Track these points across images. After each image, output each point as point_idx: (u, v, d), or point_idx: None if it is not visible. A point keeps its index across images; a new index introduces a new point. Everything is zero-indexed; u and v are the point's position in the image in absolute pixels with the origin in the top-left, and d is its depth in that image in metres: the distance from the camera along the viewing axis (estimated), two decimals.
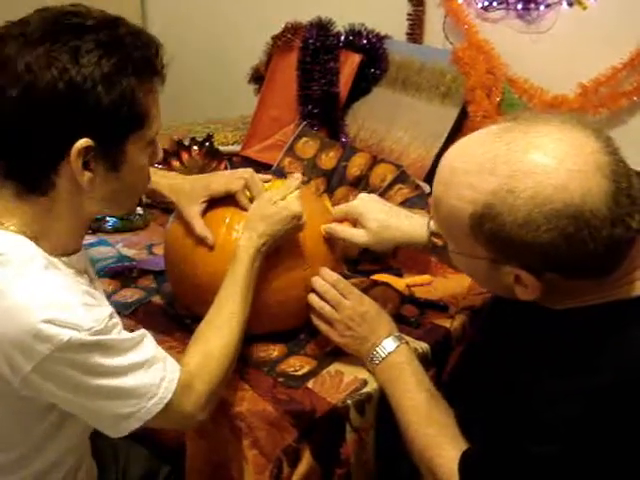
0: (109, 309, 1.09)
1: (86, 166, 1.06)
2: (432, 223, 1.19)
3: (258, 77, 2.59)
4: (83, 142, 1.03)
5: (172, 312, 1.59)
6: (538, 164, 0.98)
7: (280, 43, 2.48)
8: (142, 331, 1.15)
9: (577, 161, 0.97)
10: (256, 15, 2.90)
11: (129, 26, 1.10)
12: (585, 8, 2.14)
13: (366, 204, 1.51)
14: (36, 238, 1.08)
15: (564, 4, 2.16)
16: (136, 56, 1.07)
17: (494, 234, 1.01)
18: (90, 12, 1.07)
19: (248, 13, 2.94)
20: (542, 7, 2.20)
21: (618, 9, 2.09)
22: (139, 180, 1.18)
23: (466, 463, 1.14)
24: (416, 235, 1.45)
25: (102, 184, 1.10)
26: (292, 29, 2.46)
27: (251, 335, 1.36)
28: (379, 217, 1.47)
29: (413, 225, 1.47)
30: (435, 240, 1.18)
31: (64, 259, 1.13)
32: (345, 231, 1.49)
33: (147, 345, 1.13)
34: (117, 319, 1.11)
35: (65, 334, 1.00)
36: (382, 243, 1.50)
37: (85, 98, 1.02)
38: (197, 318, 1.52)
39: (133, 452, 1.48)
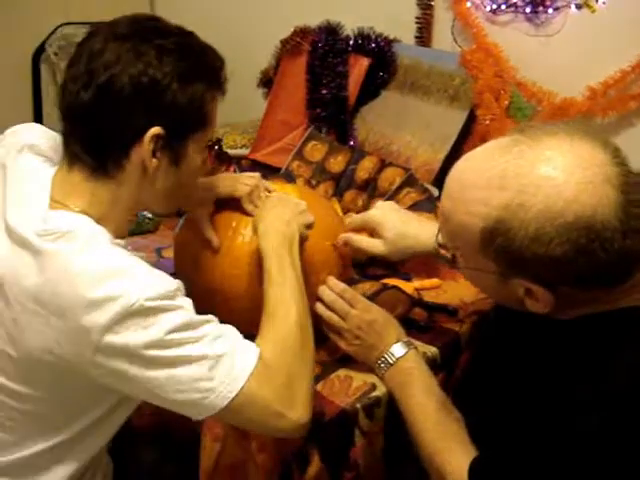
0: (177, 281, 1.12)
1: (154, 154, 1.15)
2: (439, 236, 1.18)
3: (267, 81, 2.59)
4: (156, 129, 1.13)
5: None
6: (547, 178, 0.98)
7: (289, 47, 2.48)
8: (212, 316, 1.15)
9: (586, 174, 0.97)
10: (265, 19, 2.90)
11: (200, 39, 1.22)
12: (594, 11, 2.13)
13: (384, 213, 1.51)
14: (99, 220, 1.15)
15: (573, 7, 2.16)
16: (207, 65, 1.20)
17: (505, 249, 1.01)
18: (169, 24, 1.21)
19: (257, 17, 2.94)
20: (551, 10, 2.19)
21: (627, 12, 2.08)
22: (191, 182, 1.28)
23: (476, 470, 1.14)
24: (433, 244, 1.45)
25: (163, 175, 1.19)
26: (301, 33, 2.46)
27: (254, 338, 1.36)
28: (396, 226, 1.49)
29: (430, 233, 1.46)
30: (442, 252, 1.18)
31: (120, 241, 1.17)
32: (362, 241, 1.50)
33: (217, 324, 1.14)
34: (185, 294, 1.13)
35: (134, 294, 1.03)
36: (399, 252, 1.50)
37: (163, 92, 1.12)
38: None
39: (141, 450, 1.49)
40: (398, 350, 1.35)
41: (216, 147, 2.21)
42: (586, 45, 2.16)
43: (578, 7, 2.15)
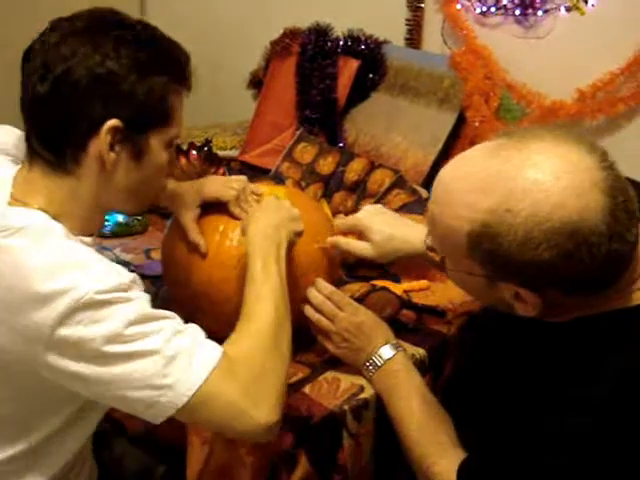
0: (132, 274, 1.10)
1: (112, 148, 1.12)
2: (428, 239, 1.18)
3: (257, 82, 2.59)
4: (113, 122, 1.10)
5: None
6: (534, 182, 0.98)
7: (278, 48, 2.49)
8: (172, 313, 1.12)
9: (573, 178, 0.97)
10: (255, 20, 2.90)
11: (164, 34, 1.19)
12: (583, 14, 2.14)
13: (370, 216, 1.51)
14: (57, 216, 1.12)
15: (562, 10, 2.17)
16: (169, 57, 1.17)
17: (492, 253, 1.01)
18: (130, 17, 1.18)
19: (247, 18, 2.94)
20: (540, 12, 2.21)
21: (616, 15, 2.09)
22: (156, 178, 1.23)
23: (464, 471, 1.14)
24: (421, 245, 1.45)
25: (123, 171, 1.16)
26: (290, 34, 2.46)
27: None
28: (383, 229, 1.47)
29: (418, 235, 1.46)
30: (431, 255, 1.18)
31: (84, 238, 1.16)
32: (350, 244, 1.49)
33: (177, 321, 1.11)
34: (142, 288, 1.11)
35: (85, 286, 1.01)
36: (387, 255, 1.50)
37: (120, 84, 1.10)
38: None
39: (129, 452, 1.48)
40: (386, 352, 1.35)
41: (205, 148, 2.21)
42: (575, 47, 2.17)
43: (567, 10, 2.16)
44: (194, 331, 1.12)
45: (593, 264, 0.98)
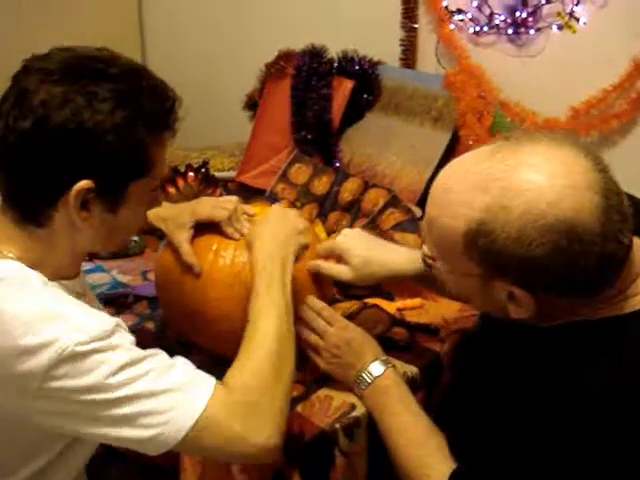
0: (115, 319, 1.07)
1: (84, 205, 1.08)
2: (424, 247, 1.19)
3: (252, 104, 2.61)
4: (83, 184, 1.05)
5: (163, 338, 1.60)
6: (530, 181, 0.99)
7: (273, 70, 2.50)
8: (158, 350, 1.11)
9: (568, 178, 0.99)
10: (250, 43, 2.92)
11: (150, 78, 1.12)
12: (575, 32, 2.15)
13: (349, 240, 1.51)
14: (34, 265, 1.09)
15: (554, 28, 2.18)
16: (150, 110, 1.09)
17: (488, 250, 1.02)
18: (114, 60, 1.09)
19: (242, 42, 2.97)
20: (532, 31, 2.22)
21: (607, 32, 2.10)
22: (134, 222, 1.19)
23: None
24: (401, 269, 1.46)
25: (98, 224, 1.11)
26: (285, 56, 2.48)
27: None
28: (362, 254, 1.47)
29: (398, 258, 1.47)
30: (429, 261, 1.18)
31: (64, 282, 1.14)
32: (330, 268, 1.49)
33: (165, 357, 1.09)
34: (126, 330, 1.09)
35: (66, 339, 0.99)
36: (365, 279, 1.49)
37: (93, 143, 1.04)
38: (187, 344, 1.54)
39: (125, 476, 1.47)
40: (376, 369, 1.35)
41: (203, 170, 2.22)
42: (568, 65, 2.18)
43: (559, 28, 2.18)
44: (182, 364, 1.11)
45: (586, 264, 0.99)
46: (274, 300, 1.24)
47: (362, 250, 1.48)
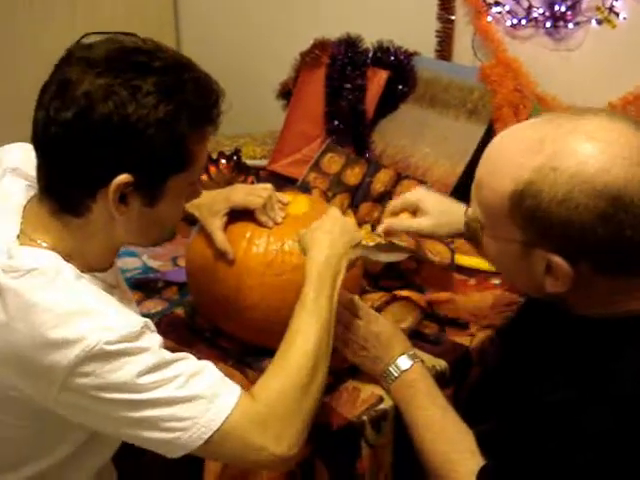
0: (144, 320, 1.07)
1: (123, 199, 1.07)
2: (469, 210, 1.19)
3: (286, 93, 2.61)
4: (123, 178, 1.04)
5: (194, 324, 1.61)
6: (585, 146, 1.00)
7: (308, 59, 2.50)
8: (187, 354, 1.09)
9: (623, 149, 0.99)
10: (285, 32, 2.92)
11: (194, 71, 1.09)
12: (614, 26, 2.12)
13: (423, 194, 1.55)
14: (68, 255, 1.09)
15: (593, 22, 2.15)
16: (194, 104, 1.07)
17: (533, 212, 1.02)
18: (159, 52, 1.07)
19: (277, 30, 2.97)
20: (571, 25, 2.19)
21: None
22: (172, 216, 1.18)
23: (485, 477, 1.13)
24: None
25: (135, 217, 1.11)
26: (320, 46, 2.47)
27: (268, 349, 1.37)
28: (436, 204, 1.51)
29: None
30: (474, 225, 1.17)
31: (97, 274, 1.14)
32: (405, 222, 1.52)
33: (194, 362, 1.08)
34: (154, 331, 1.08)
35: (94, 337, 0.99)
36: (442, 228, 1.51)
37: (135, 137, 1.02)
38: (218, 331, 1.55)
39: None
40: (403, 363, 1.35)
41: (235, 157, 2.23)
42: (606, 60, 2.16)
43: (599, 22, 2.15)
44: (210, 371, 1.09)
45: (630, 236, 0.99)
46: (319, 315, 1.21)
47: (437, 202, 1.52)
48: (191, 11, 3.35)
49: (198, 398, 1.04)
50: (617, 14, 2.10)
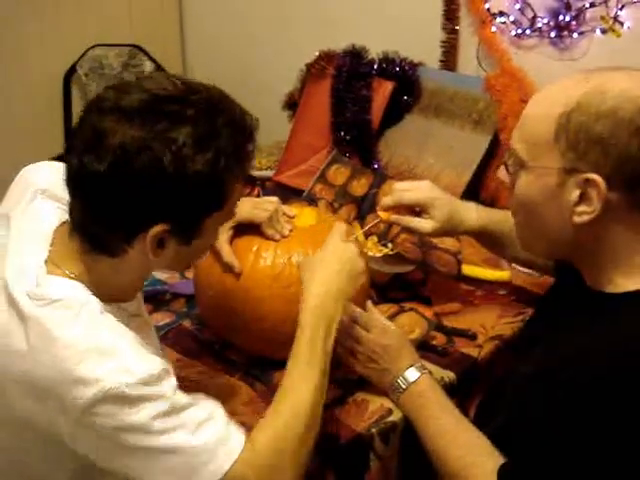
0: (163, 363, 1.05)
1: (160, 243, 1.07)
2: (506, 154, 1.21)
3: (292, 104, 2.62)
4: (160, 228, 1.04)
5: (201, 337, 1.61)
6: (627, 77, 1.07)
7: (314, 71, 2.51)
8: (202, 395, 1.09)
9: None
10: (291, 43, 2.93)
11: (228, 111, 1.07)
12: (619, 35, 2.12)
13: (432, 193, 1.58)
14: (95, 286, 1.09)
15: (598, 31, 2.15)
16: (230, 148, 1.05)
17: (578, 131, 1.06)
18: (191, 95, 1.05)
19: (283, 41, 2.98)
20: (575, 34, 2.19)
21: None
22: (206, 248, 1.20)
23: (505, 475, 1.11)
24: (473, 225, 1.58)
25: (171, 255, 1.10)
26: (325, 57, 2.48)
27: (275, 361, 1.37)
28: (443, 207, 1.55)
29: (471, 215, 1.58)
30: (509, 168, 1.19)
31: (121, 304, 1.14)
32: (411, 221, 1.56)
33: (206, 408, 1.08)
34: (172, 374, 1.07)
35: (114, 378, 0.99)
36: (445, 232, 1.58)
37: (172, 189, 1.01)
38: (226, 343, 1.55)
39: None
40: (411, 375, 1.35)
41: None
42: None
43: (603, 31, 2.15)
44: (217, 417, 1.08)
45: None
46: (314, 365, 1.19)
47: (446, 207, 1.55)
48: (196, 24, 3.37)
49: (205, 447, 1.04)
50: (622, 23, 2.10)
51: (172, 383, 1.05)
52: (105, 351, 1.01)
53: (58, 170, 1.15)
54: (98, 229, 1.06)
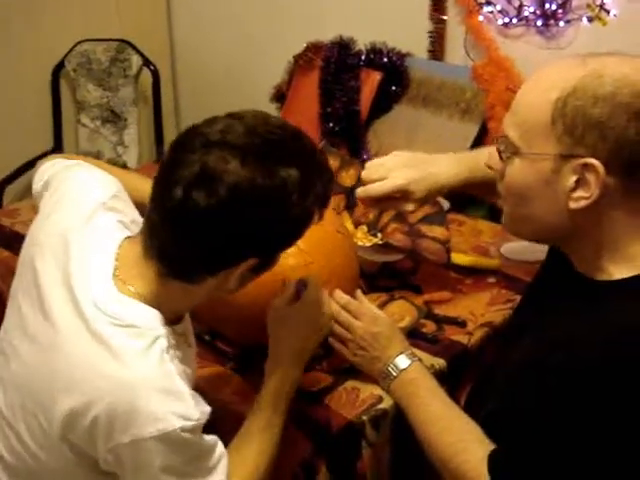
0: (209, 408, 1.09)
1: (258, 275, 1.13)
2: (500, 140, 1.17)
3: (280, 96, 2.62)
4: (252, 261, 1.08)
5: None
6: (623, 62, 1.06)
7: (302, 62, 2.52)
8: (215, 437, 1.12)
9: None
10: (278, 35, 2.93)
11: (322, 159, 1.12)
12: (605, 24, 2.13)
13: (400, 169, 1.52)
14: (158, 306, 1.10)
15: (584, 20, 2.17)
16: (322, 194, 1.10)
17: (575, 115, 1.04)
18: (295, 139, 1.08)
19: (271, 33, 2.98)
20: (562, 23, 2.21)
21: (638, 24, 2.08)
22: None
23: (496, 461, 1.12)
24: (449, 181, 1.52)
25: (240, 280, 1.13)
26: (313, 48, 2.49)
27: (264, 350, 1.37)
28: (419, 183, 1.50)
29: (444, 171, 1.52)
30: (502, 153, 1.16)
31: (174, 327, 1.15)
32: (377, 187, 1.51)
33: (218, 452, 1.11)
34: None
35: (175, 422, 1.01)
36: (428, 199, 1.55)
37: (273, 230, 1.06)
38: (216, 334, 1.55)
39: None
40: (402, 362, 1.35)
41: None
42: None
43: (589, 20, 2.16)
44: (223, 464, 1.11)
45: None
46: (274, 430, 1.25)
47: (419, 180, 1.50)
48: (184, 15, 3.36)
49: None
50: (608, 11, 2.11)
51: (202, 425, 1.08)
52: (170, 392, 1.04)
53: (108, 180, 1.24)
54: (186, 259, 1.08)
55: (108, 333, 1.04)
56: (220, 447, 1.12)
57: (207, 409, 1.08)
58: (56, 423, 1.06)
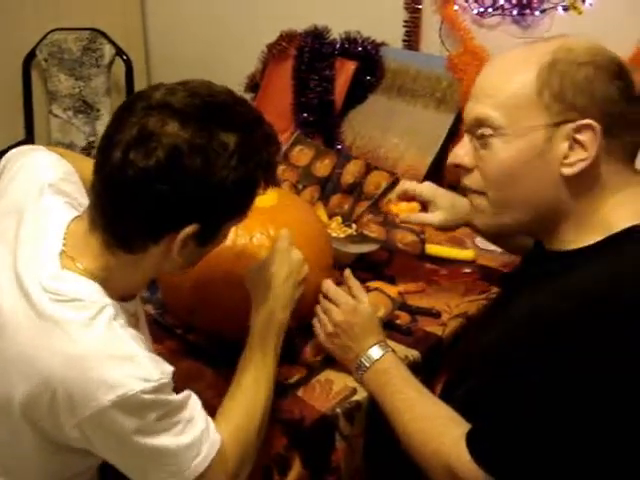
0: (171, 368, 1.08)
1: (183, 245, 1.09)
2: (475, 116, 1.17)
3: (254, 85, 2.60)
4: (191, 229, 1.06)
5: (164, 322, 1.59)
6: (577, 37, 1.12)
7: (275, 52, 2.50)
8: (188, 392, 1.12)
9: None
10: (251, 23, 2.91)
11: (265, 125, 1.12)
12: (580, 13, 2.13)
13: (434, 189, 1.62)
14: (104, 283, 1.09)
15: (559, 9, 2.16)
16: (266, 161, 1.11)
17: (561, 81, 1.08)
18: (237, 104, 1.09)
19: (243, 22, 2.95)
20: (538, 12, 2.20)
21: (613, 13, 2.08)
22: (212, 250, 1.20)
23: (474, 439, 1.11)
24: None
25: (186, 255, 1.11)
26: (287, 37, 2.47)
27: (238, 344, 1.36)
28: (448, 197, 1.59)
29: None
30: (487, 140, 1.15)
31: (123, 303, 1.14)
32: (420, 216, 1.60)
33: (192, 405, 1.11)
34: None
35: (132, 385, 1.00)
36: (451, 223, 1.58)
37: (213, 193, 1.05)
38: (189, 327, 1.53)
39: None
40: (375, 353, 1.35)
41: None
42: None
43: (565, 9, 2.16)
44: (200, 416, 1.11)
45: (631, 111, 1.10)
46: (266, 368, 1.26)
47: (446, 196, 1.59)
48: (157, 4, 3.33)
49: (189, 447, 1.07)
50: (583, 0, 2.10)
51: (171, 386, 1.07)
52: (123, 358, 1.02)
53: (59, 163, 1.22)
54: (128, 224, 1.06)
55: (52, 309, 1.02)
56: (194, 398, 1.11)
57: (169, 368, 1.06)
58: (16, 406, 1.04)
